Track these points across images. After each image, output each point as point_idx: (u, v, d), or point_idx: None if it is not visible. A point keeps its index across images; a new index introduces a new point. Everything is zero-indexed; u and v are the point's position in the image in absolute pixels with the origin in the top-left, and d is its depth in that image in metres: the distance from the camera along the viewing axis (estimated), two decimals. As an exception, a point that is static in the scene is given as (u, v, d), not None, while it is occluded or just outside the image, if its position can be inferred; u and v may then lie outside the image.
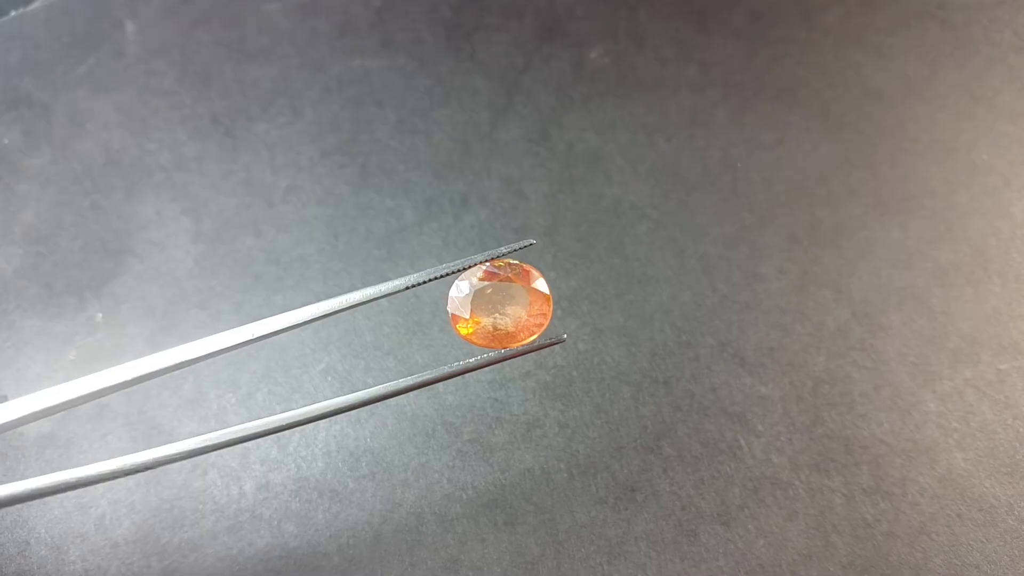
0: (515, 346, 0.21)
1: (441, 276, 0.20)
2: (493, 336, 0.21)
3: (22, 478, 0.26)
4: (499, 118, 0.33)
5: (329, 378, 0.27)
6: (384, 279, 0.29)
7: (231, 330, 0.20)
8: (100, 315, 0.29)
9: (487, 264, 0.20)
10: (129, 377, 0.20)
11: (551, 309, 0.21)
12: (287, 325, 0.20)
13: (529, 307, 0.20)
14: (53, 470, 0.26)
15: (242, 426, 0.20)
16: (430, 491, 0.25)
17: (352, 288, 0.29)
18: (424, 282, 0.20)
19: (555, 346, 0.27)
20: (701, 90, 0.33)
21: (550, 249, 0.29)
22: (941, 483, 0.24)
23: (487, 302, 0.20)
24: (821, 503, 0.24)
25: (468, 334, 0.21)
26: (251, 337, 0.20)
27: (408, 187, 0.31)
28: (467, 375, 0.27)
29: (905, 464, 0.24)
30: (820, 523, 0.24)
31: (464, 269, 0.20)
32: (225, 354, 0.20)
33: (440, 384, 0.27)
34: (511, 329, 0.20)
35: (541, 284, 0.21)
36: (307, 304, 0.28)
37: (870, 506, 0.24)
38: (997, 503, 0.24)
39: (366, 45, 0.36)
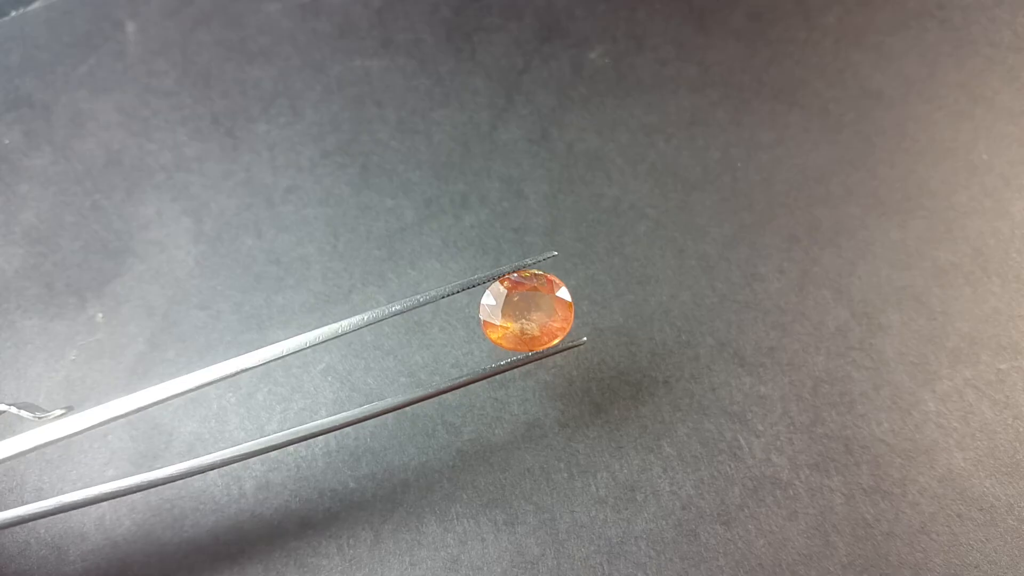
0: (539, 349, 0.23)
1: (473, 286, 0.22)
2: (520, 340, 0.23)
3: (22, 477, 0.26)
4: (499, 118, 0.33)
5: (329, 378, 0.27)
6: (384, 279, 0.29)
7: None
8: (101, 315, 0.29)
9: (515, 275, 0.23)
10: (185, 388, 0.22)
11: (573, 315, 0.23)
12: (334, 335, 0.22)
13: (553, 313, 0.23)
14: (53, 469, 0.26)
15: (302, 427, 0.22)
16: (430, 491, 0.25)
17: (352, 288, 0.29)
18: (458, 291, 0.22)
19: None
20: (701, 90, 0.33)
21: (550, 249, 0.29)
22: (941, 483, 0.24)
23: (515, 309, 0.22)
24: (821, 503, 0.24)
25: (498, 338, 0.23)
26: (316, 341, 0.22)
27: (408, 187, 0.31)
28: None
29: (905, 464, 0.24)
30: (820, 523, 0.24)
31: (494, 279, 0.23)
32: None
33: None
34: (536, 333, 0.23)
35: (564, 293, 0.23)
36: (306, 303, 0.29)
37: (870, 506, 0.24)
38: (997, 503, 0.24)
39: (366, 45, 0.36)
